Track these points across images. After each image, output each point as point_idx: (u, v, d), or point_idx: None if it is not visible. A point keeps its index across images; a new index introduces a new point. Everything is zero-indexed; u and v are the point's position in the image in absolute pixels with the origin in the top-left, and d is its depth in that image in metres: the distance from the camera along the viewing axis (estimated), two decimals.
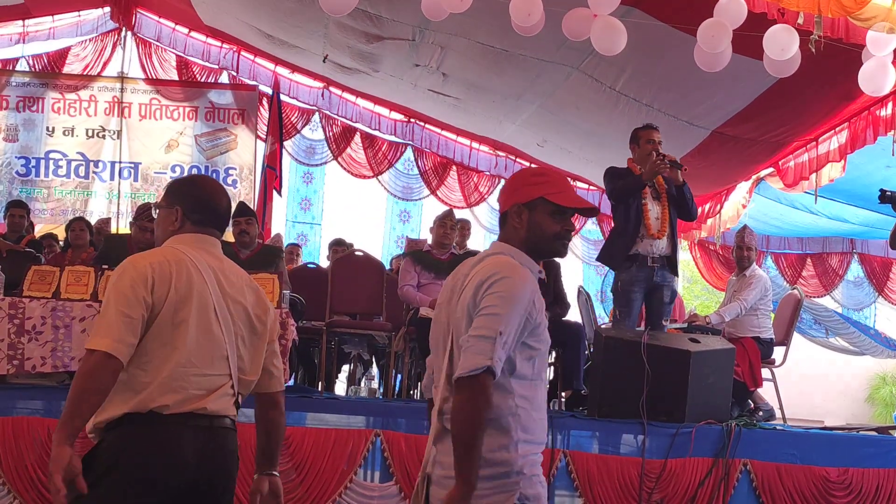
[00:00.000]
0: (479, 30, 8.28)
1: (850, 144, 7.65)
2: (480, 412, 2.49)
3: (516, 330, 2.55)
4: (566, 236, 2.75)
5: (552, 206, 2.70)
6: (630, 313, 6.37)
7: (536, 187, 2.73)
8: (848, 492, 5.69)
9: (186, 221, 2.94)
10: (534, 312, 2.62)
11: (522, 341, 2.61)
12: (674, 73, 7.84)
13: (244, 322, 2.91)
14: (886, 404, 18.21)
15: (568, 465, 5.50)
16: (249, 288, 2.98)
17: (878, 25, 5.82)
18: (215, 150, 11.89)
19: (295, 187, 12.51)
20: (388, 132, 12.22)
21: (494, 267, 2.64)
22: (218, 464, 2.82)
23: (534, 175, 2.84)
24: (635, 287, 6.34)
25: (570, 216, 2.74)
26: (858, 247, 11.67)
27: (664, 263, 6.37)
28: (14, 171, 11.70)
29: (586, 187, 12.16)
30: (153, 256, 2.83)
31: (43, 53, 11.97)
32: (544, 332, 2.68)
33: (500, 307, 2.54)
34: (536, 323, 2.63)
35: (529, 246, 2.72)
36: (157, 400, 2.68)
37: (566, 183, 2.82)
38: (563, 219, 2.72)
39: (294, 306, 6.53)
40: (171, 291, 2.73)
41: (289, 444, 5.42)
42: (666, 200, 6.40)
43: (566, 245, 2.77)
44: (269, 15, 10.30)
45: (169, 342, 2.71)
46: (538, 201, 2.71)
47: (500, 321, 2.52)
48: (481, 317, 2.55)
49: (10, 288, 6.02)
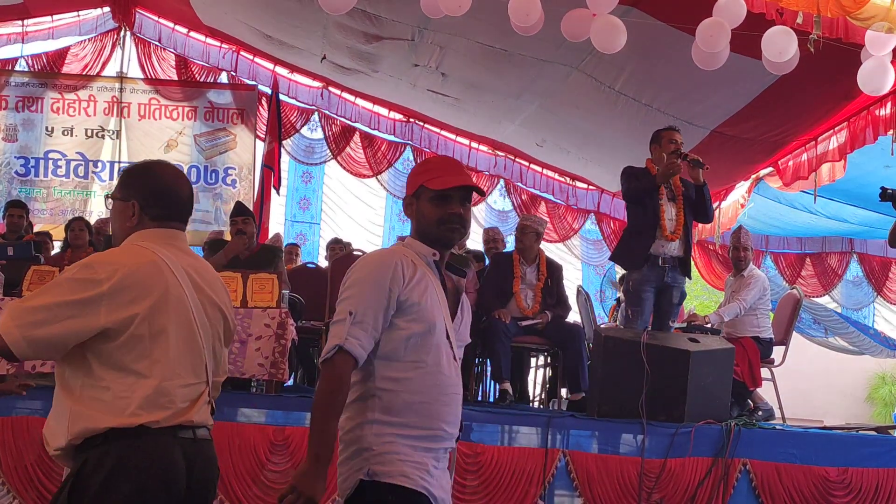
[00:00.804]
0: (479, 30, 8.28)
1: (850, 144, 7.66)
2: (330, 393, 2.55)
3: (374, 309, 2.57)
4: (451, 219, 2.70)
5: (431, 192, 2.70)
6: (642, 313, 6.38)
7: (417, 177, 2.78)
8: (847, 491, 5.69)
9: (144, 216, 2.70)
10: (398, 290, 2.60)
11: (391, 321, 2.61)
12: (673, 73, 7.84)
13: (220, 322, 2.76)
14: (886, 404, 18.21)
15: (567, 464, 5.50)
16: (221, 284, 2.82)
17: (877, 25, 5.82)
18: (214, 150, 11.88)
19: (294, 187, 12.50)
20: (388, 132, 12.22)
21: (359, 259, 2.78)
22: (206, 476, 2.66)
23: (418, 166, 2.91)
24: (646, 287, 6.35)
25: (457, 200, 2.70)
26: (857, 246, 11.68)
27: (676, 265, 6.38)
28: (13, 171, 11.69)
29: (585, 186, 12.17)
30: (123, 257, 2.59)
31: (42, 53, 11.95)
32: (423, 311, 2.62)
33: (350, 290, 2.62)
34: (406, 302, 2.61)
35: (421, 234, 2.76)
36: (145, 416, 2.49)
37: (449, 166, 2.82)
38: (444, 203, 2.70)
39: (293, 306, 6.54)
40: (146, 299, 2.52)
41: (288, 444, 5.43)
42: (682, 203, 6.39)
43: (453, 230, 2.72)
44: (268, 15, 10.30)
45: (147, 354, 2.51)
46: (420, 190, 2.74)
47: (351, 303, 2.58)
48: (338, 304, 2.64)
49: (10, 288, 6.02)
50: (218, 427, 5.36)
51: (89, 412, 2.48)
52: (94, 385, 2.50)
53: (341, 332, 2.55)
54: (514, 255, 7.18)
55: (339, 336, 2.55)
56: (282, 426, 5.54)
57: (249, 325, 5.75)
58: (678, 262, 6.40)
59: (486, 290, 7.09)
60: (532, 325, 6.87)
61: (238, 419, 5.62)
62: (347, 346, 2.54)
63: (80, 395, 2.51)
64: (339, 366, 2.55)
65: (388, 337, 2.62)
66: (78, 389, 2.51)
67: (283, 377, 5.82)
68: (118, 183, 2.80)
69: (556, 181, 12.24)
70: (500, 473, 5.49)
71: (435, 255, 2.72)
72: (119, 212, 2.73)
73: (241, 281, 5.94)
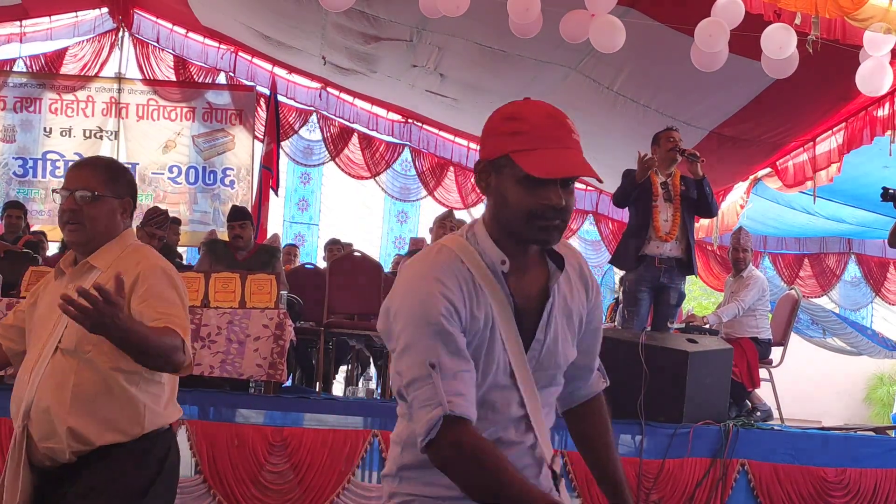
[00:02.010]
0: (477, 30, 8.28)
1: (848, 145, 7.66)
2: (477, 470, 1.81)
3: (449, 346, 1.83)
4: (547, 213, 1.84)
5: (521, 171, 1.82)
6: (638, 313, 6.38)
7: (502, 139, 1.86)
8: (845, 492, 5.69)
9: (127, 216, 2.72)
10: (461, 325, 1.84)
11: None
12: (671, 74, 7.84)
13: None
14: (884, 404, 18.19)
15: (566, 465, 5.50)
16: None
17: (875, 26, 5.83)
18: (213, 151, 11.88)
19: (292, 188, 12.50)
20: (386, 133, 12.22)
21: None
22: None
23: (504, 118, 1.89)
24: (642, 287, 6.35)
25: (558, 183, 1.84)
26: (856, 247, 11.69)
27: (673, 265, 6.38)
28: (11, 172, 11.69)
29: (584, 187, 12.17)
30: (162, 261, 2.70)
31: (40, 54, 11.96)
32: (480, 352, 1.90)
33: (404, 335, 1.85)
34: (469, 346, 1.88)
35: (499, 225, 1.90)
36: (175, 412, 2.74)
37: (552, 130, 1.87)
38: (539, 187, 1.83)
39: (292, 307, 6.54)
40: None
41: (287, 444, 5.43)
42: (679, 203, 6.38)
43: (550, 228, 1.85)
44: (266, 16, 10.29)
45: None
46: (504, 161, 1.85)
47: (420, 352, 1.83)
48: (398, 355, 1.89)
49: (8, 289, 6.02)
50: (216, 427, 5.41)
51: (154, 406, 2.63)
52: (152, 380, 2.63)
53: (435, 396, 1.78)
54: None
55: (435, 400, 1.78)
56: (280, 427, 5.54)
57: (247, 325, 5.75)
58: (676, 263, 6.40)
59: None
60: None
61: (236, 420, 5.62)
62: (457, 411, 1.78)
63: (143, 388, 2.62)
64: (453, 439, 1.78)
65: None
66: (142, 383, 2.62)
67: (282, 378, 5.82)
68: (105, 177, 2.67)
69: None
70: None
71: (504, 263, 1.89)
72: (111, 209, 2.67)
73: (239, 281, 5.94)
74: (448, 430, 1.78)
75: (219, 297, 5.85)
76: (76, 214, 2.61)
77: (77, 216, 2.62)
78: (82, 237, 2.64)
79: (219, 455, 5.34)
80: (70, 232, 2.64)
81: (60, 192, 2.65)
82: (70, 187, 2.63)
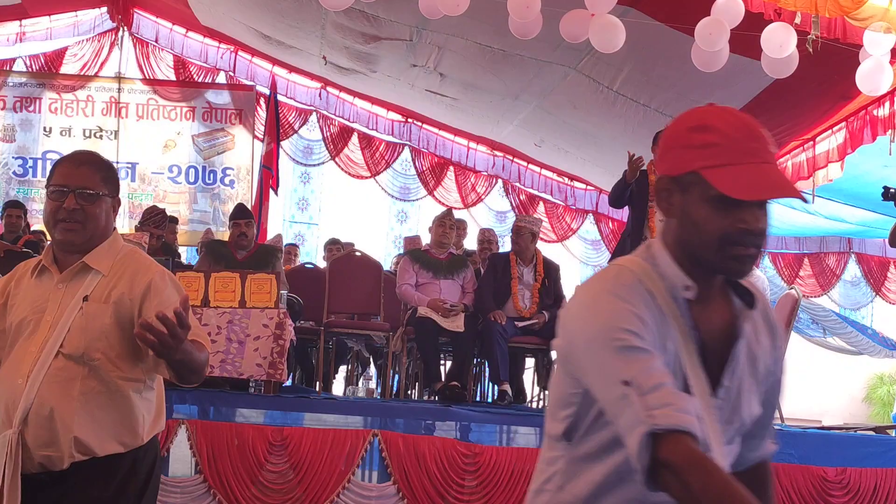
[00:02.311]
0: (477, 30, 8.28)
1: (848, 144, 7.66)
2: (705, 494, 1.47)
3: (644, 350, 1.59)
4: (742, 238, 1.61)
5: (712, 189, 1.59)
6: None
7: (690, 153, 1.63)
8: (846, 491, 5.69)
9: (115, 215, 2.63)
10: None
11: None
12: (671, 73, 7.84)
13: None
14: (884, 404, 18.19)
15: None
16: None
17: (875, 25, 5.83)
18: (212, 151, 11.87)
19: (292, 187, 12.49)
20: (386, 132, 12.21)
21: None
22: None
23: (690, 128, 1.69)
24: None
25: (754, 205, 1.63)
26: (856, 246, 11.68)
27: None
28: (11, 172, 11.68)
29: (584, 187, 12.17)
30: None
31: (40, 53, 11.94)
32: None
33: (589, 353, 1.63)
34: None
35: (682, 248, 1.66)
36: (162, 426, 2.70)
37: (747, 143, 1.65)
38: (732, 209, 1.60)
39: (292, 306, 6.54)
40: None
41: (287, 444, 5.43)
42: None
43: (744, 258, 1.62)
44: (266, 15, 10.29)
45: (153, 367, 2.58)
46: (692, 177, 1.61)
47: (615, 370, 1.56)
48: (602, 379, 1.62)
49: None
50: (216, 427, 5.41)
51: (149, 416, 2.60)
52: (149, 388, 2.60)
53: (635, 416, 1.50)
54: (510, 256, 7.18)
55: (636, 420, 1.49)
56: (280, 426, 5.54)
57: (247, 325, 5.75)
58: None
59: (483, 291, 7.08)
60: (529, 326, 6.87)
61: (236, 419, 5.62)
62: (663, 423, 1.48)
63: (143, 397, 2.58)
64: (665, 458, 1.47)
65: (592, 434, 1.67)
66: (143, 391, 2.58)
67: (282, 377, 5.82)
68: (103, 177, 2.57)
69: (555, 181, 12.24)
70: (498, 474, 5.49)
71: (689, 289, 1.64)
72: (107, 209, 2.57)
73: (239, 281, 5.94)
74: (659, 450, 1.47)
75: (219, 297, 5.85)
76: (77, 214, 2.48)
77: (78, 215, 2.49)
78: (81, 237, 2.51)
79: (219, 455, 5.34)
80: (67, 231, 2.49)
81: (57, 190, 2.50)
82: (70, 185, 2.50)
